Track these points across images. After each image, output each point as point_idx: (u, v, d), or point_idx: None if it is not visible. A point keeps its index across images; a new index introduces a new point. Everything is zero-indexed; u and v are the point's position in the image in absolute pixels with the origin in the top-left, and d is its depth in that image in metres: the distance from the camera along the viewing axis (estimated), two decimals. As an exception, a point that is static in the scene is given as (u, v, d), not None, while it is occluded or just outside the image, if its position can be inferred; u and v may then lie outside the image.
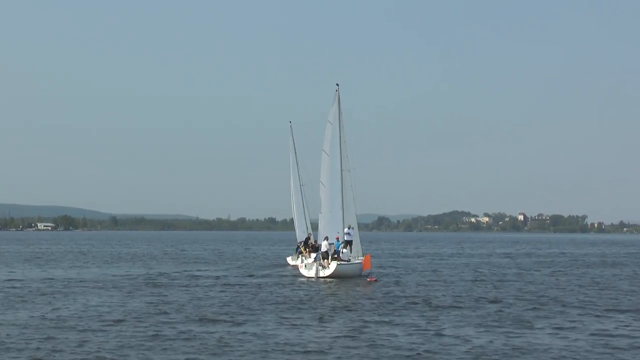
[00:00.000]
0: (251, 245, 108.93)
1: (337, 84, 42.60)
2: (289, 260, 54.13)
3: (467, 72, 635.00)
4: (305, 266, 41.82)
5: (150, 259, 63.96)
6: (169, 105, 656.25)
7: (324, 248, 41.12)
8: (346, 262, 40.20)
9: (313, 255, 48.77)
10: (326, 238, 41.28)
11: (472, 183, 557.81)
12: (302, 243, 51.53)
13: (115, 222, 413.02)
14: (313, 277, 40.00)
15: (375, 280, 37.30)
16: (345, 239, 41.21)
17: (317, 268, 40.33)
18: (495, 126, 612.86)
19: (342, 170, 41.56)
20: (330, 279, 39.09)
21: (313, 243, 49.78)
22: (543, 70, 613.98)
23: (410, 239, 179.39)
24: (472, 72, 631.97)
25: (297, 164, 55.58)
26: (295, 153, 55.82)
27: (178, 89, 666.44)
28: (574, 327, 21.87)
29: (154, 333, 20.45)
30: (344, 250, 40.69)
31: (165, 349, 18.29)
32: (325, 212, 42.33)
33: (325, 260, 40.54)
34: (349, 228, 41.51)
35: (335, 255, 40.37)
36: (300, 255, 50.15)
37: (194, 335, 20.21)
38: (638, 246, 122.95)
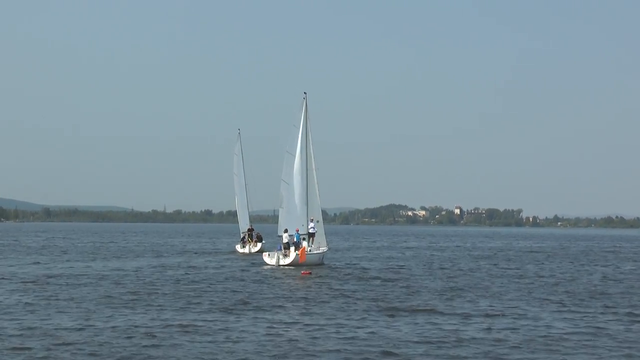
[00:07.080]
0: (197, 238, 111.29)
1: (305, 93, 47.11)
2: (238, 248, 62.41)
3: (410, 67, 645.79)
4: (269, 255, 46.11)
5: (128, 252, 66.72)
6: (103, 95, 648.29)
7: (285, 239, 45.42)
8: (306, 253, 44.63)
9: (259, 244, 56.86)
10: (286, 230, 45.61)
11: (410, 177, 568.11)
12: (247, 234, 61.65)
13: (49, 214, 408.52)
14: (274, 265, 44.20)
15: (309, 274, 39.67)
16: (310, 231, 45.86)
17: (278, 257, 44.62)
18: (433, 122, 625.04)
19: (307, 169, 46.32)
20: (290, 267, 43.33)
21: (259, 234, 61.94)
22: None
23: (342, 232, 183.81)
24: (417, 67, 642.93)
25: (244, 167, 65.11)
26: (243, 157, 65.22)
27: (116, 78, 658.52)
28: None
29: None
30: (304, 241, 45.17)
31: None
32: (286, 206, 46.68)
33: (287, 250, 44.91)
34: (311, 221, 46.07)
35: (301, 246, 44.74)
36: (245, 245, 60.90)
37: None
38: (550, 240, 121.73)
